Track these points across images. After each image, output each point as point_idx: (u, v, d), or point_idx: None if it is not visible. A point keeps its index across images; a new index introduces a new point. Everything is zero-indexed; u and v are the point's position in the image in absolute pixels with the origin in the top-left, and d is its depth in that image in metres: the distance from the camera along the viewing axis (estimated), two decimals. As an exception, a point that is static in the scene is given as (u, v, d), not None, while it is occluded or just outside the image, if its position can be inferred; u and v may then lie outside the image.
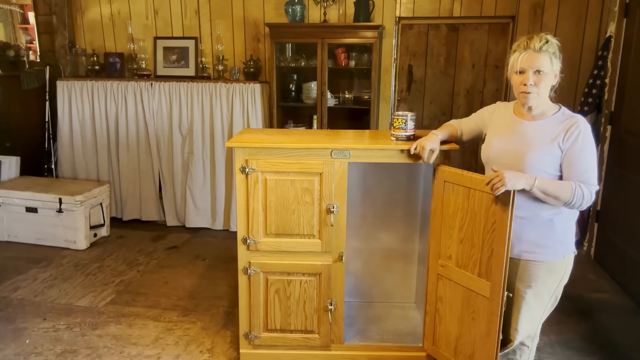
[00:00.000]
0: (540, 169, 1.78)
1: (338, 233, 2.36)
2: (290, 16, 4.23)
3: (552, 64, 1.78)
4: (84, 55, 4.70)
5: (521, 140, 1.84)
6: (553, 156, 1.78)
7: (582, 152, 1.76)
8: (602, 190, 3.92)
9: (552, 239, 1.85)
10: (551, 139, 1.78)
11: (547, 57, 1.77)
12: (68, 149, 4.66)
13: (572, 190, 1.73)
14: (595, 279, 3.64)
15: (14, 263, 3.76)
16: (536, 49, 1.77)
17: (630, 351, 2.73)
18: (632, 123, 3.51)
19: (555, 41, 1.80)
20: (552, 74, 1.80)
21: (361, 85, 4.44)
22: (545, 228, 1.83)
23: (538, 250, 1.84)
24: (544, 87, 1.79)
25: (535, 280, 1.86)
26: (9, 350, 2.64)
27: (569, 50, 4.10)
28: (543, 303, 1.90)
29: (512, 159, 1.83)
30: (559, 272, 1.89)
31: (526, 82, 1.77)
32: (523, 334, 1.93)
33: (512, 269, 1.88)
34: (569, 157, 1.76)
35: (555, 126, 1.80)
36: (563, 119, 1.81)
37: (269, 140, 2.38)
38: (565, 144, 1.76)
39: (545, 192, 1.75)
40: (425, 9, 4.26)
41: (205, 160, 4.44)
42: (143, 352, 2.66)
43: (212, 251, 4.06)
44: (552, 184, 1.76)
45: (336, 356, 2.52)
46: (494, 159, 1.91)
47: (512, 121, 1.91)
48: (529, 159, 1.79)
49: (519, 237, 1.84)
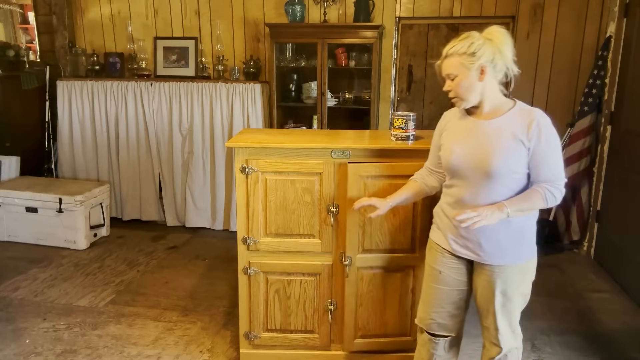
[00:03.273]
0: (508, 172, 1.73)
1: (338, 233, 2.36)
2: (290, 16, 4.23)
3: (465, 64, 1.72)
4: (84, 55, 4.70)
5: (482, 141, 1.77)
6: (519, 154, 1.72)
7: (548, 151, 1.71)
8: (602, 190, 3.92)
9: (524, 243, 1.83)
10: (512, 136, 1.72)
11: (455, 60, 1.73)
12: (68, 149, 4.66)
13: (542, 197, 1.71)
14: (595, 279, 3.64)
15: (14, 263, 3.76)
16: (444, 56, 1.77)
17: (630, 351, 2.73)
18: (632, 123, 3.51)
19: (467, 42, 1.72)
20: (468, 73, 1.73)
21: (361, 85, 4.44)
22: (517, 233, 1.81)
23: (511, 255, 1.82)
24: (464, 89, 1.75)
25: (510, 284, 1.83)
26: (9, 350, 2.64)
27: (569, 50, 4.10)
28: (518, 303, 1.88)
29: (478, 165, 1.75)
30: (531, 272, 1.88)
31: (445, 89, 1.79)
32: (508, 337, 1.89)
33: (486, 275, 1.85)
34: (536, 158, 1.72)
35: (513, 122, 1.74)
36: (520, 114, 1.75)
37: (269, 140, 2.38)
38: (529, 143, 1.71)
39: (521, 210, 1.72)
40: (425, 9, 4.26)
41: (205, 160, 4.44)
42: (143, 352, 2.66)
43: (212, 251, 4.06)
44: (522, 200, 1.73)
45: (336, 356, 2.52)
46: (458, 166, 1.81)
47: (468, 123, 1.85)
48: (495, 164, 1.71)
49: (492, 244, 1.80)
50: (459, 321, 2.01)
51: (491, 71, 1.74)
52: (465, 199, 1.81)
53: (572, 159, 3.96)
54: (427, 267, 2.03)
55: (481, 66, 1.72)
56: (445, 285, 1.95)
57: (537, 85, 4.20)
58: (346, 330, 2.46)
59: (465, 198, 1.81)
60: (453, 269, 1.93)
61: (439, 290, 1.96)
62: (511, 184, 1.75)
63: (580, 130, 3.94)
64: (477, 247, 1.83)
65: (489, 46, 1.72)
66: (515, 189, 1.76)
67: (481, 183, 1.77)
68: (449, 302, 1.96)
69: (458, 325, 2.02)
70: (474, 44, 1.72)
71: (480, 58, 1.71)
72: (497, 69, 1.75)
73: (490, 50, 1.72)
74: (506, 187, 1.75)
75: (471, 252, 1.86)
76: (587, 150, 3.96)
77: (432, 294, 1.99)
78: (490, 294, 1.85)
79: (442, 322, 1.99)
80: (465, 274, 1.94)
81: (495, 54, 1.73)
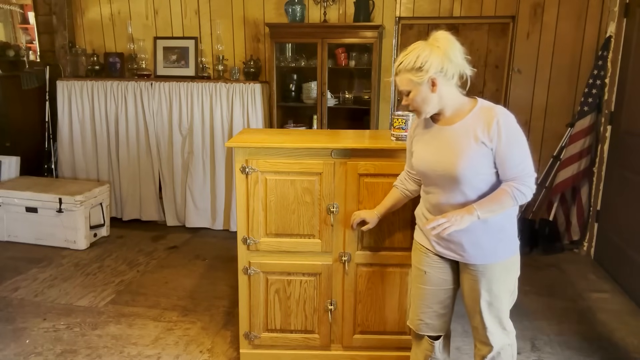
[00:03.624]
0: (475, 174, 1.72)
1: (338, 233, 2.36)
2: (290, 16, 4.23)
3: (414, 80, 1.71)
4: (84, 55, 4.70)
5: (447, 146, 1.76)
6: (483, 156, 1.70)
7: (510, 147, 1.69)
8: (602, 190, 3.92)
9: (506, 240, 1.84)
10: (475, 138, 1.70)
11: (404, 76, 1.73)
12: (68, 149, 4.66)
13: (511, 196, 1.70)
14: (595, 279, 3.64)
15: (14, 263, 3.76)
16: (395, 73, 1.78)
17: (630, 351, 2.73)
18: (632, 123, 3.51)
19: (414, 56, 1.69)
20: (419, 88, 1.72)
21: (361, 85, 4.44)
22: (498, 231, 1.80)
23: (494, 253, 1.81)
24: (419, 103, 1.75)
25: (495, 282, 1.83)
26: (9, 350, 2.64)
27: (569, 50, 4.10)
28: (505, 300, 1.88)
29: (445, 171, 1.75)
30: (515, 268, 1.88)
31: (404, 104, 1.80)
32: (498, 335, 1.89)
33: (471, 275, 1.85)
34: (500, 156, 1.70)
35: (474, 122, 1.72)
36: (481, 114, 1.73)
37: (269, 140, 2.38)
38: (491, 143, 1.69)
39: (492, 211, 1.72)
40: (425, 9, 4.26)
41: (205, 160, 4.44)
42: (143, 352, 2.66)
43: (212, 251, 4.06)
44: (491, 201, 1.72)
45: (336, 356, 2.52)
46: (428, 173, 1.83)
47: (433, 130, 1.84)
48: (461, 168, 1.70)
49: (474, 244, 1.80)
50: (447, 320, 2.01)
51: (443, 80, 1.71)
52: (442, 204, 1.82)
53: (572, 159, 3.96)
54: (413, 268, 2.04)
55: (431, 79, 1.69)
56: (431, 285, 1.95)
57: (537, 85, 4.20)
58: (345, 326, 2.47)
59: (442, 203, 1.82)
60: (438, 268, 1.94)
61: (425, 291, 1.97)
62: (482, 185, 1.75)
63: (580, 130, 3.94)
64: (459, 248, 1.83)
65: (436, 55, 1.68)
66: (487, 189, 1.75)
67: (451, 188, 1.77)
68: (435, 302, 1.97)
69: (446, 325, 2.02)
70: (419, 57, 1.68)
71: (428, 71, 1.68)
72: (448, 75, 1.71)
73: (438, 60, 1.68)
74: (477, 189, 1.75)
75: (454, 253, 1.86)
76: (587, 150, 3.96)
77: (418, 294, 2.00)
78: (476, 293, 1.86)
79: (429, 322, 1.99)
80: (451, 272, 1.94)
81: (444, 62, 1.69)
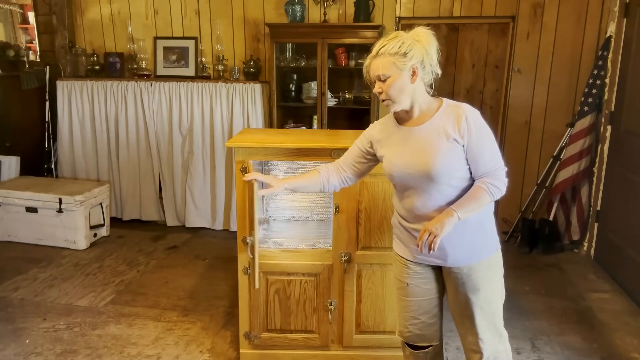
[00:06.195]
0: (450, 172, 1.70)
1: (338, 233, 2.36)
2: (290, 16, 4.23)
3: (397, 64, 1.67)
4: (84, 55, 4.70)
5: (419, 147, 1.73)
6: (456, 153, 1.70)
7: (481, 142, 1.69)
8: (602, 190, 3.92)
9: (487, 237, 1.82)
10: (446, 136, 1.70)
11: (386, 59, 1.67)
12: (68, 149, 4.66)
13: (487, 192, 1.69)
14: (595, 279, 3.64)
15: (14, 263, 3.76)
16: (374, 55, 1.72)
17: (631, 351, 2.73)
18: (632, 123, 3.51)
19: (398, 42, 1.67)
20: (400, 74, 1.68)
21: (361, 85, 4.44)
22: (479, 229, 1.79)
23: (477, 252, 1.79)
24: (396, 90, 1.70)
25: (482, 282, 1.79)
26: (9, 350, 2.65)
27: (569, 50, 4.10)
28: (496, 301, 1.85)
29: (420, 172, 1.71)
30: (499, 265, 1.85)
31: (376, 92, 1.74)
32: (489, 340, 1.84)
33: (456, 279, 1.81)
34: (472, 152, 1.69)
35: (443, 121, 1.72)
36: (449, 111, 1.73)
37: (269, 140, 2.38)
38: (462, 140, 1.69)
39: (471, 210, 1.70)
40: (425, 9, 4.26)
41: (205, 160, 4.44)
42: (143, 352, 2.66)
43: (212, 251, 4.06)
44: (469, 200, 1.70)
45: (336, 356, 2.52)
46: (403, 177, 1.78)
47: (402, 132, 1.80)
48: (436, 167, 1.68)
49: (455, 245, 1.76)
50: (437, 329, 1.96)
51: (421, 73, 1.71)
52: (417, 207, 1.77)
53: (572, 159, 3.96)
54: (395, 280, 1.99)
55: (413, 67, 1.68)
56: (415, 296, 1.90)
57: (537, 85, 4.20)
58: (345, 326, 2.47)
59: (417, 206, 1.77)
60: (420, 278, 1.88)
61: (410, 303, 1.92)
62: (458, 183, 1.73)
63: (580, 130, 3.94)
64: (441, 252, 1.77)
65: (418, 47, 1.68)
66: (463, 187, 1.74)
67: (428, 188, 1.74)
68: (421, 313, 1.92)
69: (437, 334, 1.97)
70: (404, 44, 1.67)
71: (412, 59, 1.67)
72: (425, 70, 1.72)
73: (419, 52, 1.68)
74: (453, 188, 1.73)
75: (436, 258, 1.81)
76: (587, 150, 3.96)
77: (404, 307, 1.95)
78: (464, 297, 1.81)
79: (420, 333, 1.94)
80: (434, 280, 1.89)
81: (424, 55, 1.69)
